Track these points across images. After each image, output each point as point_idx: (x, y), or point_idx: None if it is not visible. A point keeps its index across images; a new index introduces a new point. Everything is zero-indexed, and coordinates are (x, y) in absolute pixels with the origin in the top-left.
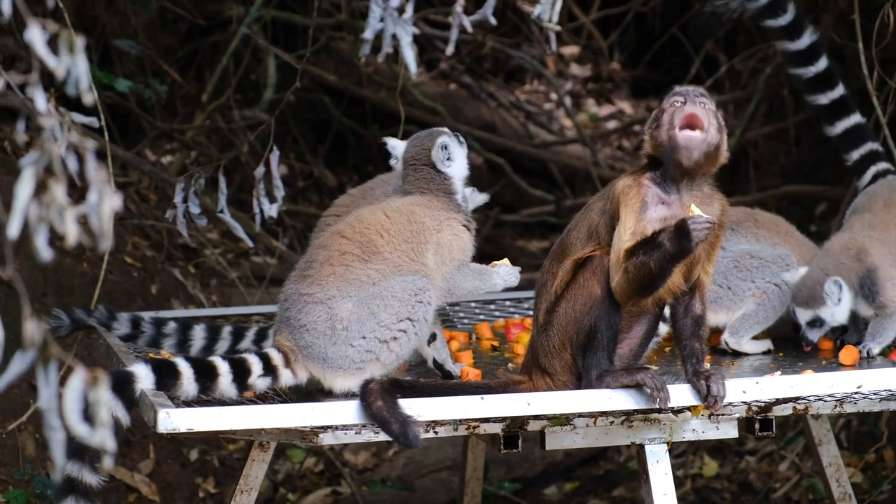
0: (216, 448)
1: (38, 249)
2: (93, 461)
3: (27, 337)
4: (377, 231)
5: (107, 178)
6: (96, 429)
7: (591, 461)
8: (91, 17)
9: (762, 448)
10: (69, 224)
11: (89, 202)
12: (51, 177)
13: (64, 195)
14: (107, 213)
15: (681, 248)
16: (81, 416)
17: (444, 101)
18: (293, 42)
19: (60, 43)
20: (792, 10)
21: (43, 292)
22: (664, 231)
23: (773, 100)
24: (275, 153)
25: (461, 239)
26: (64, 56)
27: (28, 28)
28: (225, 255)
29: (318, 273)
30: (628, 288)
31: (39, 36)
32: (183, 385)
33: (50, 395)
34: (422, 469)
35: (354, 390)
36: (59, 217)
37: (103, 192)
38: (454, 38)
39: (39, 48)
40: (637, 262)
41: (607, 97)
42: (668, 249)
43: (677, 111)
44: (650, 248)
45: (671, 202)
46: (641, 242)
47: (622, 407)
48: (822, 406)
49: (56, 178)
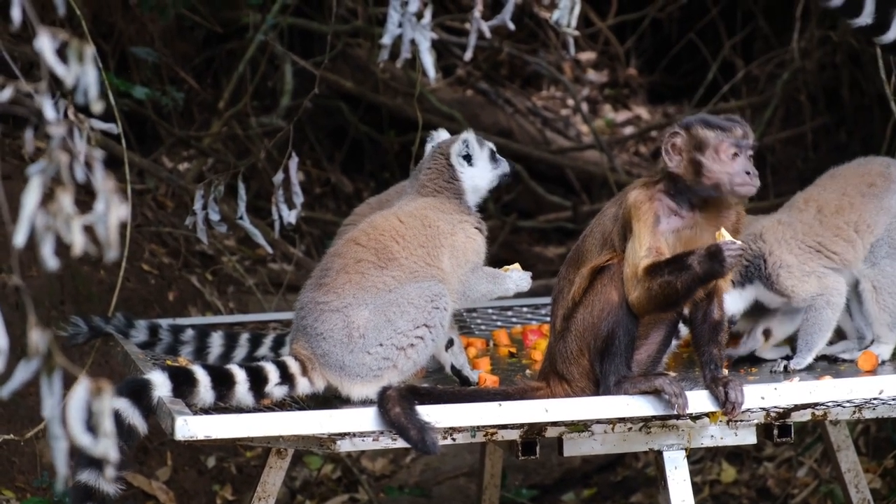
0: (234, 455)
1: (45, 258)
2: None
3: (32, 345)
4: (392, 237)
5: (114, 187)
6: (99, 439)
7: (609, 468)
8: (108, 25)
9: (780, 454)
10: (76, 233)
11: (96, 211)
12: (58, 185)
13: (71, 204)
14: (113, 223)
15: (712, 272)
16: (85, 426)
17: (461, 108)
18: (310, 49)
19: (70, 51)
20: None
21: (60, 300)
22: (694, 254)
23: (791, 105)
24: (293, 160)
25: (475, 241)
26: (73, 64)
27: (38, 36)
28: (242, 262)
29: (335, 281)
30: (649, 304)
31: (49, 44)
32: (200, 393)
33: (53, 403)
34: (439, 476)
35: (372, 398)
36: (65, 226)
37: (110, 202)
38: (472, 43)
39: (49, 57)
40: (662, 281)
41: (624, 103)
42: (698, 272)
43: (737, 169)
44: (678, 269)
45: (684, 214)
46: (668, 262)
47: (640, 413)
48: (841, 412)
49: (63, 186)
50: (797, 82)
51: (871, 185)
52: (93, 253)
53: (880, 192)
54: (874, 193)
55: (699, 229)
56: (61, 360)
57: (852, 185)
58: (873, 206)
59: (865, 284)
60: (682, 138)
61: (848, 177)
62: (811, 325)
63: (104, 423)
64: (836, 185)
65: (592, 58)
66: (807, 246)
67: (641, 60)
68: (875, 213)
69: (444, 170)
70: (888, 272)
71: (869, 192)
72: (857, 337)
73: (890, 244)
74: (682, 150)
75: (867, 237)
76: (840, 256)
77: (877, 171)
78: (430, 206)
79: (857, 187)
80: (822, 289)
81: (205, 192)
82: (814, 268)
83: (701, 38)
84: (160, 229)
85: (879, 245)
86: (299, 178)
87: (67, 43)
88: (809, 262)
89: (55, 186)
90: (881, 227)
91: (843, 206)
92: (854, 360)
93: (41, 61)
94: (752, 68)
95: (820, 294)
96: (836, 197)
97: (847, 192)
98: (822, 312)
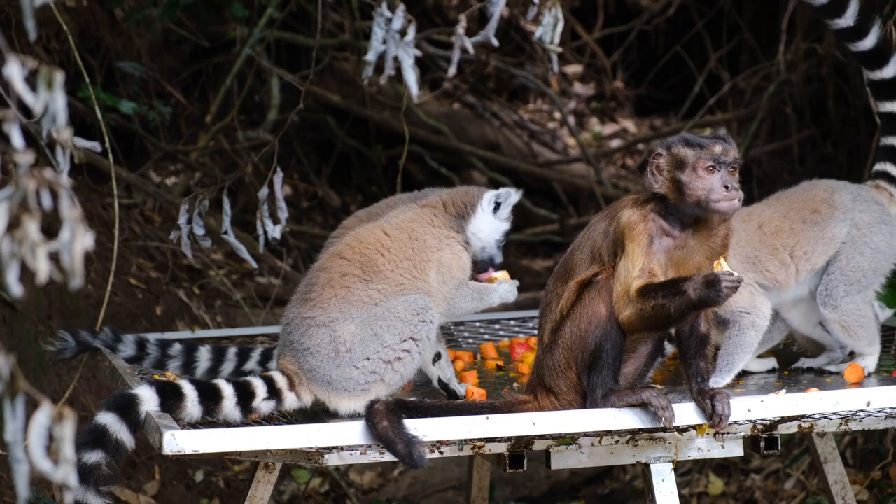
0: (221, 469)
1: (10, 285)
2: (97, 484)
3: None
4: (377, 250)
5: (80, 216)
6: (59, 465)
7: (597, 480)
8: (95, 40)
9: (768, 466)
10: (41, 261)
11: (62, 240)
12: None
13: (37, 231)
14: (78, 252)
15: (706, 300)
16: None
17: (448, 121)
18: (297, 63)
19: (39, 79)
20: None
21: (48, 314)
22: (690, 280)
23: (777, 117)
24: (278, 174)
25: (460, 258)
26: (42, 92)
27: (7, 63)
28: (229, 276)
29: (320, 296)
30: (639, 324)
31: (18, 72)
32: (187, 407)
33: (16, 428)
34: (427, 489)
35: (360, 412)
36: (31, 253)
37: (76, 231)
38: (456, 59)
39: (17, 84)
40: (656, 304)
41: (611, 115)
42: (692, 298)
43: (715, 184)
44: (672, 294)
45: (676, 235)
46: (662, 286)
47: (627, 426)
48: (828, 424)
49: (30, 213)
50: (783, 95)
51: (814, 211)
52: (58, 280)
53: (822, 219)
54: (815, 220)
55: (690, 250)
56: (24, 384)
57: (795, 210)
58: (812, 235)
59: (834, 327)
60: (664, 159)
61: (793, 200)
62: (733, 346)
63: (64, 450)
64: (780, 206)
65: (579, 71)
66: (744, 256)
67: (628, 73)
68: (814, 241)
69: (467, 200)
70: (851, 310)
71: (811, 219)
72: (839, 346)
73: (845, 282)
74: (664, 170)
75: (803, 264)
76: (773, 276)
77: (821, 197)
78: (418, 220)
79: (799, 212)
80: (751, 306)
81: (190, 207)
82: (749, 280)
83: (687, 51)
84: (147, 244)
85: (835, 285)
86: (286, 192)
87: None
88: (745, 273)
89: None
90: (819, 256)
91: (783, 229)
92: (840, 373)
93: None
94: (738, 81)
95: (747, 312)
96: (777, 217)
97: (789, 216)
98: (746, 333)
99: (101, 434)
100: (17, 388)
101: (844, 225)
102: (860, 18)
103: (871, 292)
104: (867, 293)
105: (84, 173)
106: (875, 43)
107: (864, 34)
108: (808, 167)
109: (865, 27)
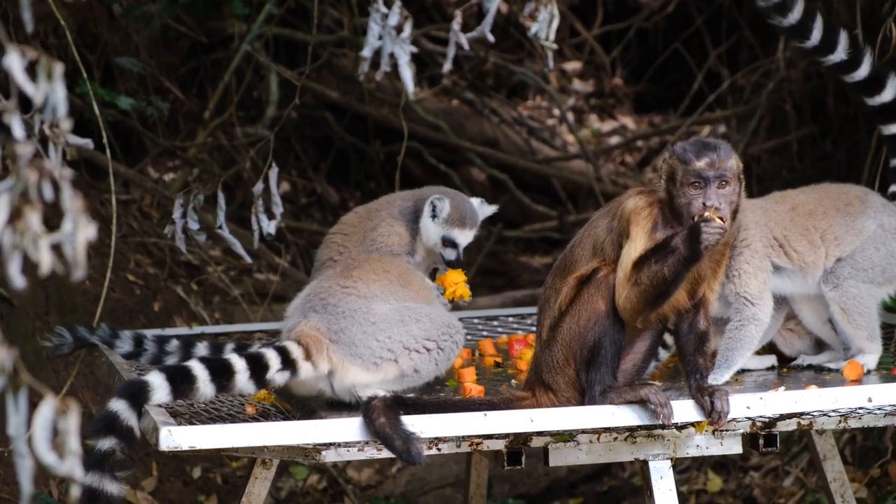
0: (219, 465)
1: (12, 277)
2: (112, 470)
3: None
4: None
5: (82, 207)
6: (65, 458)
7: (595, 477)
8: (93, 35)
9: (766, 463)
10: (43, 252)
11: (64, 231)
12: (26, 203)
13: (39, 223)
14: (81, 243)
15: (695, 250)
16: (50, 444)
17: (447, 118)
18: (295, 59)
19: (39, 69)
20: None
21: (45, 310)
22: (677, 236)
23: (776, 114)
24: (273, 170)
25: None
26: (42, 83)
27: (7, 54)
28: (227, 273)
29: (364, 276)
30: (639, 301)
31: (18, 62)
32: (200, 389)
33: (19, 422)
34: (425, 486)
35: (365, 385)
36: (33, 245)
37: (78, 222)
38: (451, 54)
39: (17, 75)
40: (650, 271)
41: (610, 112)
42: (682, 252)
43: (694, 200)
44: (663, 255)
45: (679, 230)
46: (653, 250)
47: (626, 423)
48: (827, 421)
49: (31, 204)
50: (782, 92)
51: (848, 203)
52: (60, 272)
53: (855, 212)
54: (848, 212)
55: None
56: (27, 378)
57: (830, 198)
58: (844, 222)
59: (834, 307)
60: (666, 164)
61: (828, 190)
62: (734, 341)
63: (69, 443)
64: (815, 193)
65: (578, 67)
66: (772, 238)
67: (627, 70)
68: (845, 229)
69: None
70: (853, 293)
71: (844, 210)
72: (842, 347)
73: (853, 265)
74: (663, 176)
75: (832, 249)
76: (801, 256)
77: (855, 194)
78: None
79: (834, 202)
80: (759, 296)
81: (184, 202)
82: (767, 267)
83: (686, 48)
84: (145, 240)
85: (842, 265)
86: (284, 189)
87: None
88: (768, 258)
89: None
90: (848, 245)
91: (816, 212)
92: (840, 370)
93: (10, 79)
94: (737, 78)
95: (752, 302)
96: (812, 202)
97: (823, 203)
98: (746, 327)
99: (113, 420)
100: (20, 381)
101: (873, 222)
102: (852, 51)
103: (877, 290)
104: (872, 287)
105: (81, 169)
106: (869, 71)
107: (858, 65)
108: (808, 164)
109: (858, 58)
